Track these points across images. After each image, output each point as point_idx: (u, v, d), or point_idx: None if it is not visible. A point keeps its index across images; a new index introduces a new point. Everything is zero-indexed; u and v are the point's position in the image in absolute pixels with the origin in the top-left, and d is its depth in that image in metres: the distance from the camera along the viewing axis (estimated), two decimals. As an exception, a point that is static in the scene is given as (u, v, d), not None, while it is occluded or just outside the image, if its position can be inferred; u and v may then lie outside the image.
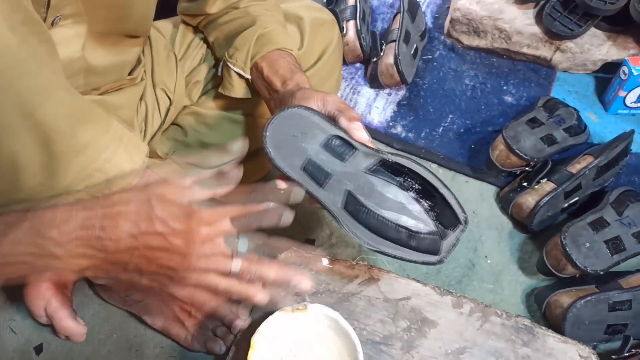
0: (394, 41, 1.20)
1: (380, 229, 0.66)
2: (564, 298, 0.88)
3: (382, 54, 1.21)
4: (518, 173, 1.07)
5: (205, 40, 0.90)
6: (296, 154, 0.65)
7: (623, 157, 1.05)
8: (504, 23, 1.27)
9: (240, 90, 0.83)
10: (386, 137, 1.16)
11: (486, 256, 0.99)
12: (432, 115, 1.21)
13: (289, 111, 0.66)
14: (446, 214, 0.68)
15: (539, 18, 1.25)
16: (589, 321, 0.86)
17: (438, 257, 0.67)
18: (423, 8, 1.39)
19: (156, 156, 0.87)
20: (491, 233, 1.02)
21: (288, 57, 0.79)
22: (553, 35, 1.23)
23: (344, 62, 1.24)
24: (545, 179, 1.01)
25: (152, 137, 0.87)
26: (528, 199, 0.99)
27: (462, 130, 1.18)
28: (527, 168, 1.05)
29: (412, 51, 1.24)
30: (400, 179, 0.68)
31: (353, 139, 0.66)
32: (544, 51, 1.27)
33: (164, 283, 0.56)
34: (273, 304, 0.63)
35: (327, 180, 0.66)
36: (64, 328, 0.78)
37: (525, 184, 1.01)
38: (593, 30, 1.25)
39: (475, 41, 1.33)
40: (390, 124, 1.19)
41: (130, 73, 0.81)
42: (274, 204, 0.57)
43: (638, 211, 0.95)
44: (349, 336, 0.66)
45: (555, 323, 0.87)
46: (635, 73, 1.13)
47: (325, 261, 0.57)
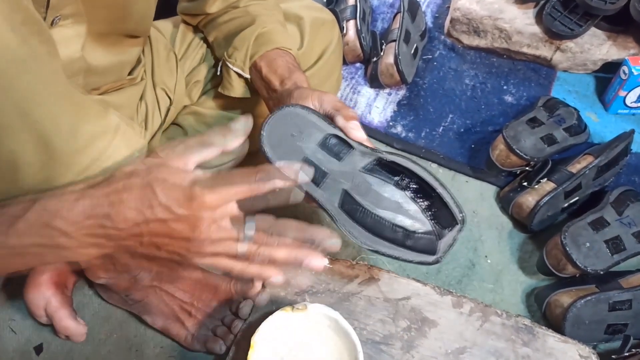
0: (394, 41, 1.20)
1: (376, 229, 0.65)
2: (564, 298, 0.88)
3: (382, 54, 1.21)
4: (518, 173, 1.07)
5: (205, 39, 0.90)
6: (293, 153, 0.65)
7: (623, 157, 1.05)
8: (504, 23, 1.27)
9: (239, 89, 0.83)
10: (386, 137, 1.16)
11: (486, 256, 0.99)
12: (432, 115, 1.20)
13: (286, 110, 0.66)
14: (443, 214, 0.67)
15: (539, 18, 1.25)
16: (589, 321, 0.86)
17: (435, 257, 0.67)
18: (423, 8, 1.39)
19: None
20: (491, 233, 1.02)
21: (287, 57, 0.79)
22: (553, 35, 1.23)
23: (344, 62, 1.24)
24: (545, 179, 1.01)
25: (152, 137, 0.87)
26: (528, 199, 0.99)
27: (462, 130, 1.18)
28: (527, 168, 1.05)
29: (412, 51, 1.24)
30: (397, 178, 0.67)
31: (350, 138, 0.66)
32: (544, 51, 1.27)
33: (174, 268, 0.56)
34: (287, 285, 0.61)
35: (324, 179, 0.65)
36: (64, 328, 0.78)
37: (525, 184, 1.01)
38: (593, 30, 1.25)
39: (475, 41, 1.32)
40: (390, 124, 1.19)
41: (130, 73, 0.80)
42: (282, 182, 0.54)
43: (638, 211, 0.95)
44: (349, 336, 0.66)
45: (555, 323, 0.87)
46: (635, 73, 1.13)
47: (325, 261, 0.57)
